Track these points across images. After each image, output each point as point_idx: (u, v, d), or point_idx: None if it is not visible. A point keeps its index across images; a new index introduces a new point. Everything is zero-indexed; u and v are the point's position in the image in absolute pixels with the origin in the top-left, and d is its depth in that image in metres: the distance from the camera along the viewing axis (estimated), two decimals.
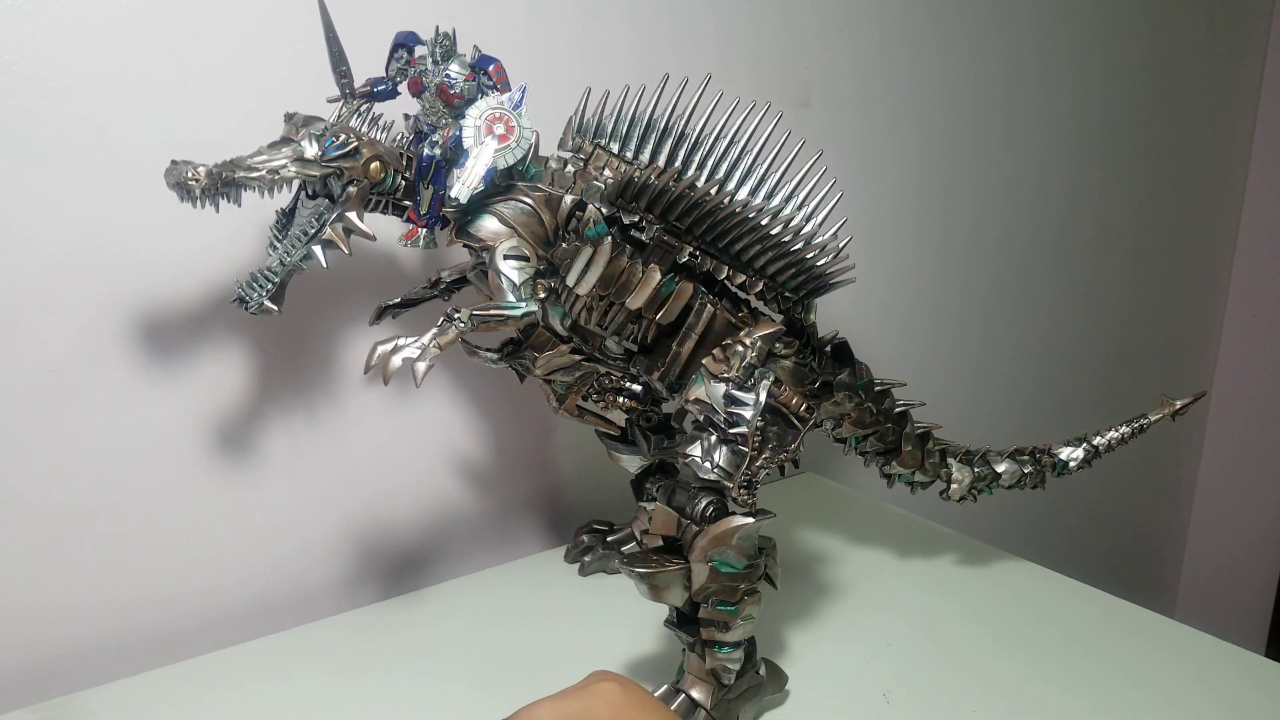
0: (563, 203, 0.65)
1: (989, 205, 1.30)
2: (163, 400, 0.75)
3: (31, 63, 0.66)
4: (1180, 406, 0.85)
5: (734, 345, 0.67)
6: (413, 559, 0.90)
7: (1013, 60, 1.26)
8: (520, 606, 0.81)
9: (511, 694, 0.69)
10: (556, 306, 0.68)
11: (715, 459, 0.64)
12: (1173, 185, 1.55)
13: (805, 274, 0.68)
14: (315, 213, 0.61)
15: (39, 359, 0.70)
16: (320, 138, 0.59)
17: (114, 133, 0.69)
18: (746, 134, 0.67)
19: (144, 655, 0.75)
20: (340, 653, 0.75)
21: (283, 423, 0.81)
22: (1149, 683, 0.72)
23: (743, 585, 0.65)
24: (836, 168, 0.67)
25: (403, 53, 0.63)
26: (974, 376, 1.35)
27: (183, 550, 0.78)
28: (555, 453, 0.97)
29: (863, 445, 0.80)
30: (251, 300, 0.60)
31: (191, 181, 0.55)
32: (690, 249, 0.67)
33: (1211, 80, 1.55)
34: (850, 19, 1.09)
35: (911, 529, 0.97)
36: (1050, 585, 0.86)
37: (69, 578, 0.73)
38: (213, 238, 0.73)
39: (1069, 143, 1.37)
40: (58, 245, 0.69)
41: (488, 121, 0.61)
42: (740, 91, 0.67)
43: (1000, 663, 0.74)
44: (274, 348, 0.79)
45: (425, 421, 0.88)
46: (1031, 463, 0.85)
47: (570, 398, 0.76)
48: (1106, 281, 1.51)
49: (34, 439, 0.70)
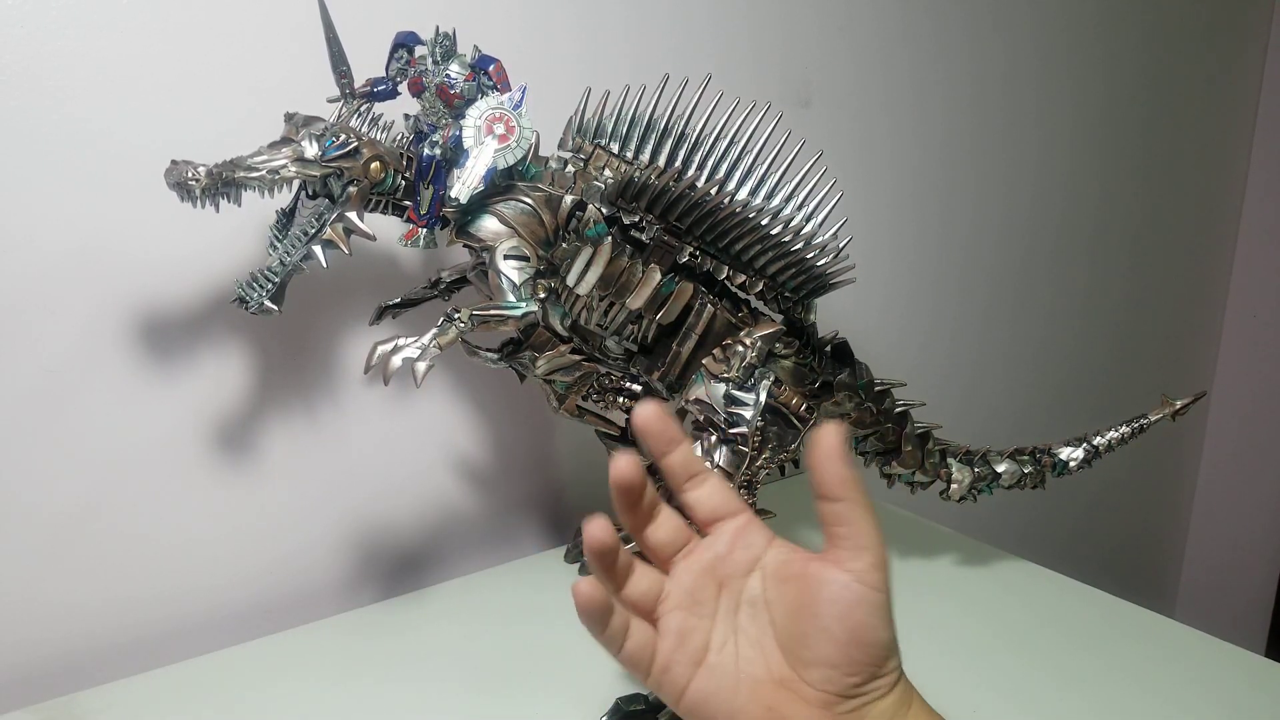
0: (563, 203, 0.65)
1: (989, 205, 1.30)
2: (163, 400, 0.75)
3: (31, 63, 0.66)
4: (1180, 406, 0.85)
5: (734, 345, 0.67)
6: (413, 559, 0.90)
7: (1013, 60, 1.26)
8: (520, 606, 0.81)
9: (511, 694, 0.70)
10: (556, 306, 0.68)
11: (715, 459, 0.64)
12: (1173, 185, 1.55)
13: (805, 274, 0.68)
14: (315, 213, 0.61)
15: (39, 359, 0.70)
16: (320, 138, 0.59)
17: (114, 133, 0.69)
18: (746, 134, 0.67)
19: (144, 655, 0.75)
20: (340, 653, 0.75)
21: (283, 423, 0.80)
22: (1149, 683, 0.71)
23: None
24: (836, 168, 0.67)
25: (403, 53, 0.63)
26: (974, 376, 1.35)
27: (183, 550, 0.78)
28: (555, 453, 0.97)
29: (863, 445, 0.80)
30: (251, 300, 0.60)
31: (191, 181, 0.55)
32: (690, 249, 0.67)
33: (1211, 80, 1.55)
34: (850, 19, 1.09)
35: (911, 529, 0.97)
36: (1050, 585, 0.86)
37: (69, 578, 0.73)
38: (213, 238, 0.73)
39: (1069, 142, 1.37)
40: (58, 245, 0.69)
41: (488, 121, 0.61)
42: (740, 91, 0.67)
43: (1000, 663, 0.74)
44: (274, 348, 0.79)
45: (425, 421, 0.88)
46: (1031, 463, 0.85)
47: (570, 398, 0.76)
48: (1106, 281, 1.50)
49: (34, 439, 0.70)
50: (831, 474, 0.43)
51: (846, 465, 0.43)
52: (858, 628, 0.43)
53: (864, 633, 0.43)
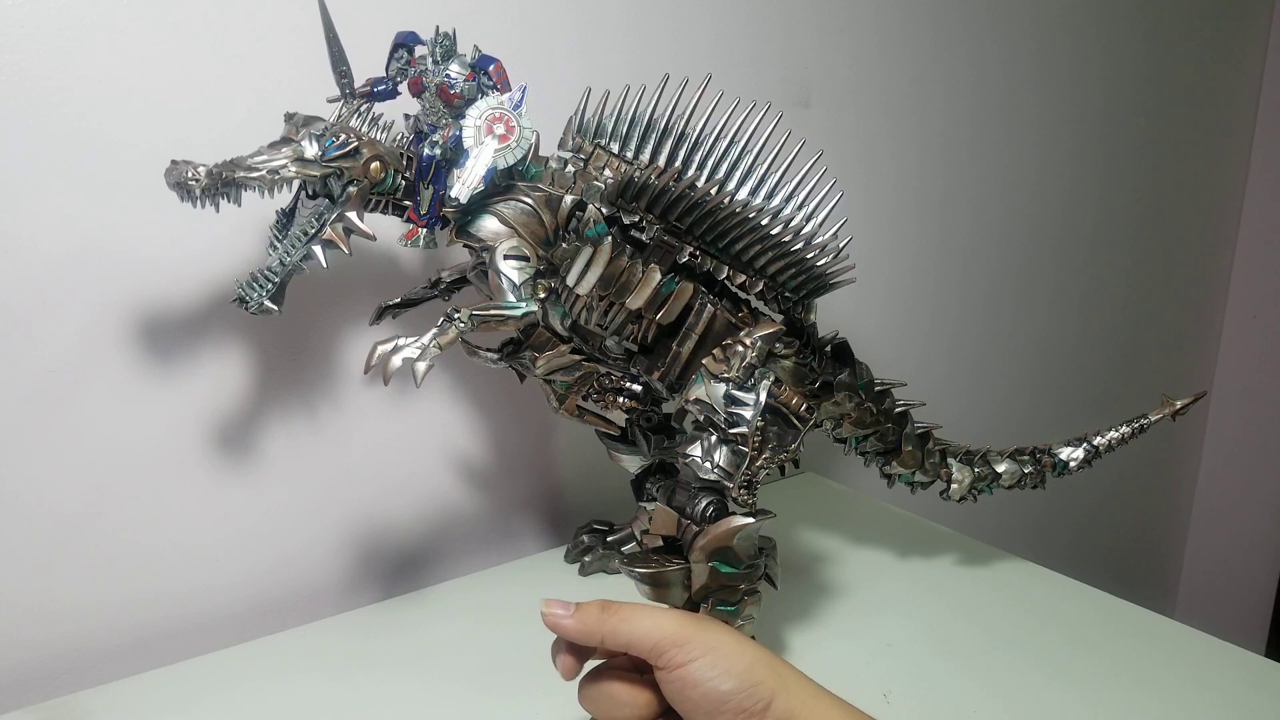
0: (563, 203, 0.65)
1: (989, 205, 1.30)
2: (163, 400, 0.75)
3: (31, 63, 0.66)
4: (1180, 406, 0.85)
5: (734, 345, 0.67)
6: (413, 559, 0.90)
7: (1013, 60, 1.26)
8: (520, 606, 0.81)
9: (511, 694, 0.70)
10: (556, 306, 0.68)
11: (715, 459, 0.64)
12: (1173, 185, 1.55)
13: (805, 274, 0.68)
14: (315, 213, 0.61)
15: (39, 359, 0.70)
16: (320, 138, 0.59)
17: (114, 133, 0.69)
18: (746, 134, 0.67)
19: (144, 655, 0.75)
20: (340, 653, 0.75)
21: (283, 423, 0.81)
22: (1149, 683, 0.71)
23: (743, 585, 0.65)
24: (836, 168, 0.67)
25: (403, 53, 0.63)
26: (974, 376, 1.35)
27: (183, 550, 0.78)
28: (555, 453, 0.97)
29: (863, 445, 0.80)
30: (251, 300, 0.60)
31: (191, 181, 0.55)
32: (690, 249, 0.67)
33: (1211, 80, 1.55)
34: (850, 19, 1.09)
35: (911, 529, 0.97)
36: (1050, 585, 0.86)
37: (69, 578, 0.73)
38: (213, 238, 0.73)
39: (1069, 142, 1.37)
40: (58, 245, 0.69)
41: (488, 121, 0.61)
42: (740, 91, 0.67)
43: (1000, 663, 0.74)
44: (274, 348, 0.79)
45: (425, 421, 0.88)
46: (1032, 463, 0.85)
47: (570, 398, 0.76)
48: (1106, 281, 1.51)
49: (34, 439, 0.70)
50: (581, 632, 0.48)
51: (576, 616, 0.48)
52: (701, 701, 0.45)
53: (708, 702, 0.45)
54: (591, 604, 0.48)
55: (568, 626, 0.48)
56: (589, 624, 0.48)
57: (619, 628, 0.47)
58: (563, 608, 0.48)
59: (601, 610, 0.48)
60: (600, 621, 0.47)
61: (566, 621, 0.48)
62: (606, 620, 0.47)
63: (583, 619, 0.48)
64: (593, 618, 0.48)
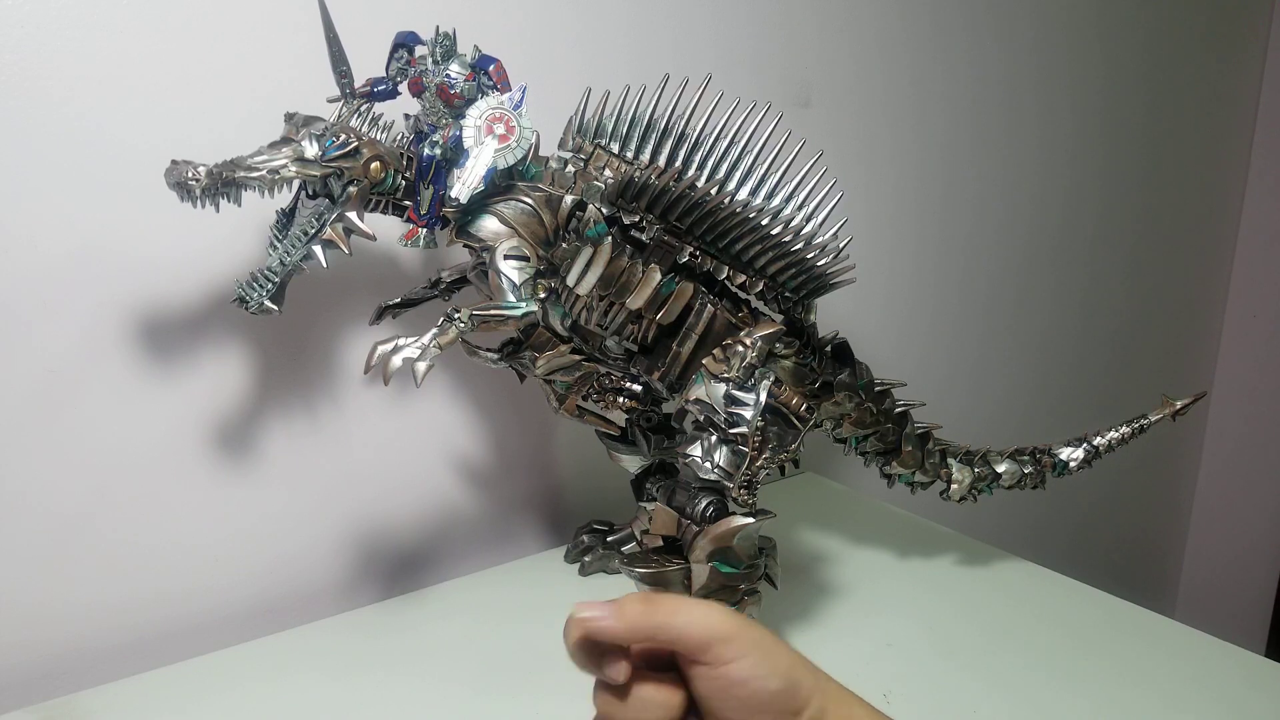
0: (563, 203, 0.65)
1: (989, 205, 1.30)
2: (163, 400, 0.75)
3: (31, 63, 0.66)
4: (1180, 407, 0.85)
5: (734, 345, 0.67)
6: (413, 559, 0.90)
7: (1013, 60, 1.26)
8: (520, 606, 0.81)
9: (511, 694, 0.70)
10: (557, 306, 0.68)
11: (715, 459, 0.64)
12: (1173, 185, 1.55)
13: (805, 274, 0.68)
14: (315, 213, 0.61)
15: (39, 359, 0.70)
16: (320, 138, 0.59)
17: (114, 133, 0.69)
18: (746, 134, 0.67)
19: (144, 655, 0.75)
20: (340, 653, 0.75)
21: (283, 423, 0.81)
22: (1149, 683, 0.71)
23: (743, 585, 0.65)
24: (836, 168, 0.67)
25: (403, 53, 0.63)
26: (974, 376, 1.35)
27: (183, 550, 0.78)
28: (555, 453, 0.97)
29: (863, 445, 0.80)
30: (251, 300, 0.60)
31: (191, 181, 0.55)
32: (690, 249, 0.67)
33: (1211, 80, 1.55)
34: (850, 19, 1.09)
35: (911, 529, 0.97)
36: (1050, 585, 0.86)
37: (69, 578, 0.73)
38: (213, 238, 0.73)
39: (1069, 143, 1.37)
40: (58, 246, 0.69)
41: (488, 121, 0.61)
42: (740, 91, 0.67)
43: (1000, 663, 0.74)
44: (274, 348, 0.79)
45: (425, 421, 0.88)
46: (1031, 463, 0.85)
47: (570, 398, 0.76)
48: (1106, 281, 1.51)
49: (34, 439, 0.70)
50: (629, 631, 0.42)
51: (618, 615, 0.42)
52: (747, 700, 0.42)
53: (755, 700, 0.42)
54: (630, 600, 0.43)
55: (611, 628, 0.42)
56: (636, 621, 0.42)
57: (668, 622, 0.42)
58: (600, 609, 0.43)
59: (645, 604, 0.43)
60: (647, 617, 0.42)
61: (609, 623, 0.42)
62: (654, 615, 0.42)
63: (628, 617, 0.42)
64: (639, 614, 0.42)
